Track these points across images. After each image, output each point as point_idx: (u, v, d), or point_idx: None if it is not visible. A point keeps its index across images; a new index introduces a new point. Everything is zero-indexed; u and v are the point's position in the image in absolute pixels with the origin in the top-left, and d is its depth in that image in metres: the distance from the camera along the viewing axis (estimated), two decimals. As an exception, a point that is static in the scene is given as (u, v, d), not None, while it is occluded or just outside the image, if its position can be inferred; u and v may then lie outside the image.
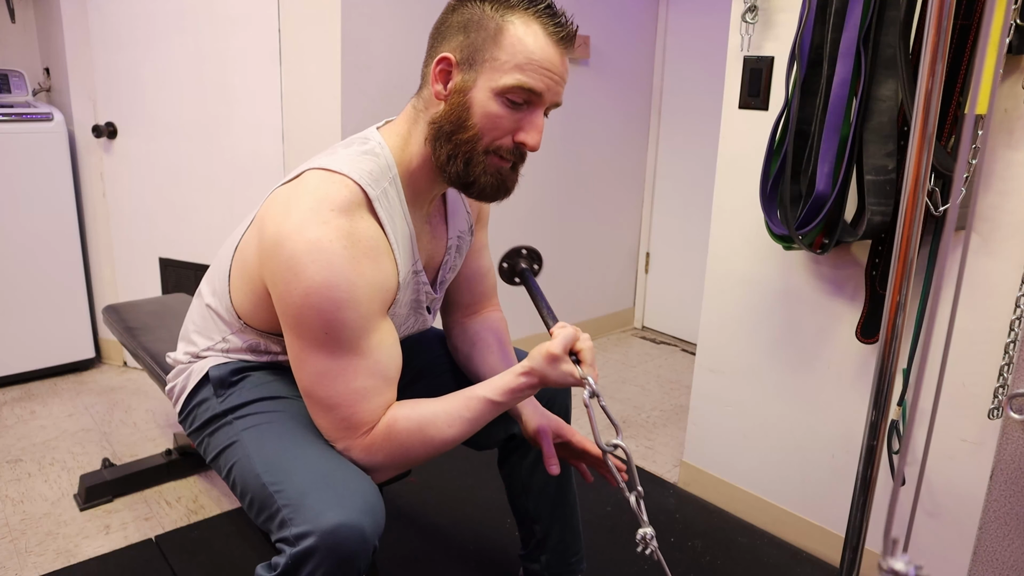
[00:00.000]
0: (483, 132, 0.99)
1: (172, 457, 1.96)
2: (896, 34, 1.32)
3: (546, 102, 0.99)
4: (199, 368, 1.17)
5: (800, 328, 1.71)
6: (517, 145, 1.00)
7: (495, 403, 1.04)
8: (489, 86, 0.97)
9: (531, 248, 1.30)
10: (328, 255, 0.92)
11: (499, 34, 0.96)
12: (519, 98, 0.97)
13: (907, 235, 0.83)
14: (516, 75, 0.95)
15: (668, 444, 2.31)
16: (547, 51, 0.96)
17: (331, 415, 0.99)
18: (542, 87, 0.97)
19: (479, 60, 0.97)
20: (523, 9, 0.97)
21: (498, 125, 0.98)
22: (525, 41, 0.95)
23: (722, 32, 1.82)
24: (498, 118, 0.98)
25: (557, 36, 0.97)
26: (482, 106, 0.97)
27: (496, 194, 1.04)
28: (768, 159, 1.52)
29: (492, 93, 0.97)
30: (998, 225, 1.36)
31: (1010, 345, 1.34)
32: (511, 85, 0.96)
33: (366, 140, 1.06)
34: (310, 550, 0.88)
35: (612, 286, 3.32)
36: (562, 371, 1.01)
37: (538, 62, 0.96)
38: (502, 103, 0.97)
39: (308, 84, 2.25)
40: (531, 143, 0.99)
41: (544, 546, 1.39)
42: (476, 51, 0.97)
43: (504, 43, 0.96)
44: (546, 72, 0.97)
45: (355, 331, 0.96)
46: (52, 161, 2.41)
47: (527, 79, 0.96)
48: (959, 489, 1.48)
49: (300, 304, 0.94)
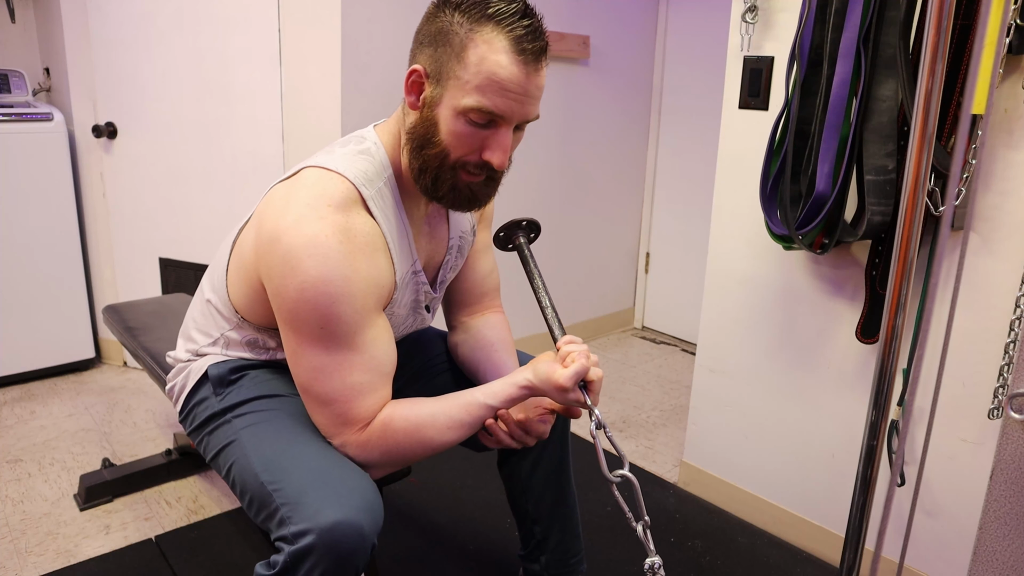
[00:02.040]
0: (450, 148, 0.98)
1: (172, 457, 1.96)
2: (896, 34, 1.32)
3: (512, 121, 0.97)
4: (198, 367, 1.17)
5: (800, 328, 1.71)
6: (484, 162, 0.99)
7: (491, 407, 1.05)
8: (452, 104, 0.95)
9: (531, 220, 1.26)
10: (324, 250, 0.93)
11: (463, 51, 0.93)
12: (481, 119, 0.95)
13: (907, 235, 0.83)
14: (476, 97, 0.93)
15: (668, 444, 2.31)
16: (510, 70, 0.92)
17: (327, 410, 1.00)
18: (504, 109, 0.94)
19: (445, 76, 0.95)
20: (491, 22, 0.92)
21: (464, 143, 0.97)
22: (487, 61, 0.92)
23: (722, 32, 1.82)
24: (463, 136, 0.96)
25: (524, 55, 0.93)
26: (447, 123, 0.96)
27: (468, 205, 1.03)
28: (768, 159, 1.52)
29: (455, 112, 0.95)
30: (998, 225, 1.36)
31: (1010, 345, 1.34)
32: (471, 106, 0.94)
33: (362, 139, 1.07)
34: (308, 548, 0.88)
35: (612, 286, 3.32)
36: (568, 400, 1.01)
37: (500, 83, 0.92)
38: (465, 122, 0.95)
39: (308, 84, 2.25)
40: (495, 163, 0.97)
41: (544, 547, 1.39)
42: (443, 66, 0.95)
43: (467, 61, 0.93)
44: (508, 93, 0.93)
45: (350, 326, 0.96)
46: (52, 161, 2.41)
47: (487, 102, 0.93)
48: (959, 489, 1.48)
49: (295, 299, 0.94)
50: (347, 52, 2.18)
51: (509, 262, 1.43)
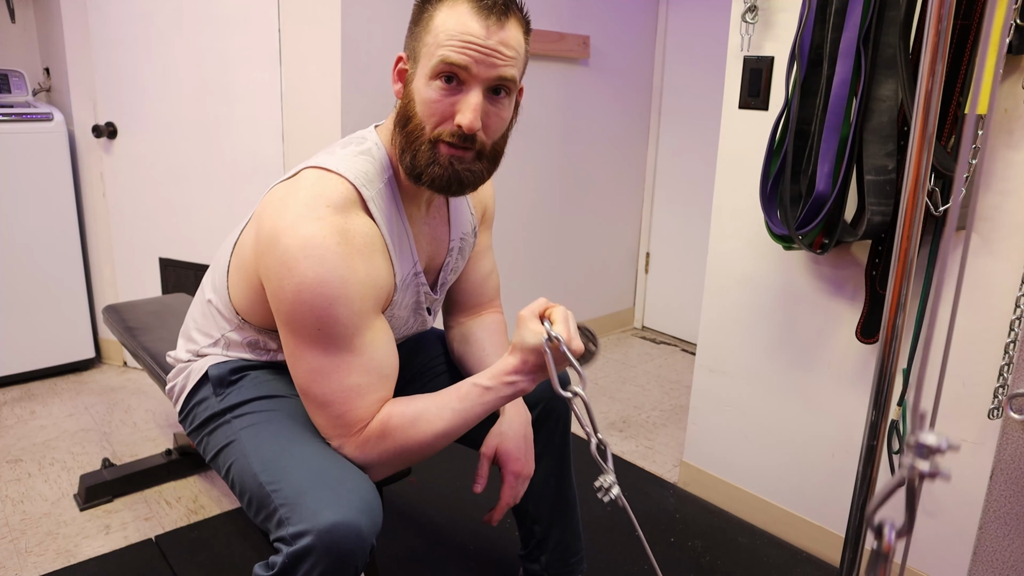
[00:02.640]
0: (424, 120, 0.98)
1: (172, 457, 1.96)
2: (896, 34, 1.32)
3: (478, 77, 0.96)
4: (199, 367, 1.17)
5: (800, 328, 1.71)
6: (458, 128, 0.98)
7: (484, 388, 1.02)
8: (423, 73, 0.98)
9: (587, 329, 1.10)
10: (321, 251, 0.93)
11: (429, 21, 0.97)
12: (445, 76, 0.96)
13: (907, 235, 0.83)
14: (438, 52, 0.95)
15: (668, 444, 2.31)
16: (468, 25, 0.94)
17: (325, 412, 1.00)
18: (464, 60, 0.94)
19: (417, 51, 0.99)
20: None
21: (435, 110, 0.97)
22: (447, 21, 0.95)
23: (722, 32, 1.81)
24: (434, 103, 0.97)
25: (485, 10, 0.95)
26: (420, 93, 0.98)
27: (449, 186, 1.01)
28: (768, 159, 1.52)
29: (426, 80, 0.97)
30: (998, 225, 1.36)
31: (1010, 345, 1.34)
32: (436, 64, 0.95)
33: (363, 140, 1.07)
34: (307, 549, 0.88)
35: (612, 286, 3.32)
36: (531, 330, 0.98)
37: (458, 36, 0.94)
38: (436, 87, 0.97)
39: (308, 84, 2.25)
40: (464, 123, 0.96)
41: (544, 546, 1.39)
42: (416, 43, 1.00)
43: (432, 27, 0.97)
44: (468, 44, 0.94)
45: (348, 328, 0.96)
46: (52, 161, 2.41)
47: (447, 53, 0.94)
48: (959, 489, 1.48)
49: (293, 300, 0.94)
50: (347, 52, 2.18)
51: (509, 262, 1.42)
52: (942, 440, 0.45)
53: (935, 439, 0.46)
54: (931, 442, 0.46)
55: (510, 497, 1.18)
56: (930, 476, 0.46)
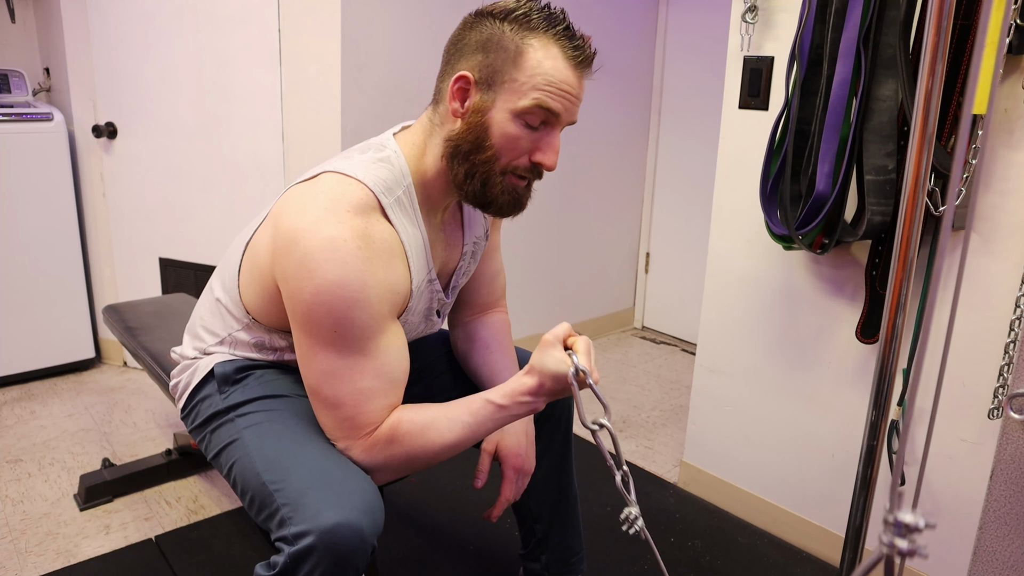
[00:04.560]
0: (501, 153, 1.00)
1: (172, 457, 1.96)
2: (896, 34, 1.32)
3: (563, 122, 1.02)
4: (204, 364, 1.17)
5: (800, 328, 1.71)
6: (534, 165, 1.03)
7: (497, 406, 1.03)
8: (508, 107, 0.98)
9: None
10: (342, 254, 0.93)
11: (519, 56, 0.97)
12: (537, 119, 0.99)
13: (907, 235, 0.83)
14: (535, 95, 0.97)
15: (668, 444, 2.31)
16: (565, 73, 0.98)
17: (335, 414, 0.99)
18: (560, 108, 0.99)
19: (498, 81, 0.98)
20: (543, 31, 0.98)
21: (516, 146, 1.00)
22: (545, 64, 0.97)
23: (722, 32, 1.82)
24: (516, 139, 1.00)
25: (576, 59, 0.98)
26: (500, 127, 0.99)
27: (512, 211, 1.07)
28: (768, 159, 1.52)
29: (511, 114, 0.98)
30: (998, 225, 1.36)
31: (1010, 345, 1.34)
32: (530, 106, 0.97)
33: (382, 147, 1.06)
34: (308, 549, 0.88)
35: (612, 286, 3.32)
36: (554, 357, 0.99)
37: (557, 84, 0.97)
38: (520, 124, 0.99)
39: (308, 84, 2.25)
40: (548, 163, 1.02)
41: (544, 546, 1.39)
42: (495, 72, 0.98)
43: (524, 65, 0.97)
44: (564, 94, 0.98)
45: (364, 331, 0.96)
46: (52, 161, 2.42)
47: (546, 99, 0.97)
48: (959, 489, 1.48)
49: (311, 301, 0.94)
50: (347, 52, 2.18)
51: (510, 262, 1.43)
52: (919, 519, 0.46)
53: (912, 518, 0.46)
54: (909, 520, 0.46)
55: (510, 493, 1.18)
56: (908, 554, 0.47)
